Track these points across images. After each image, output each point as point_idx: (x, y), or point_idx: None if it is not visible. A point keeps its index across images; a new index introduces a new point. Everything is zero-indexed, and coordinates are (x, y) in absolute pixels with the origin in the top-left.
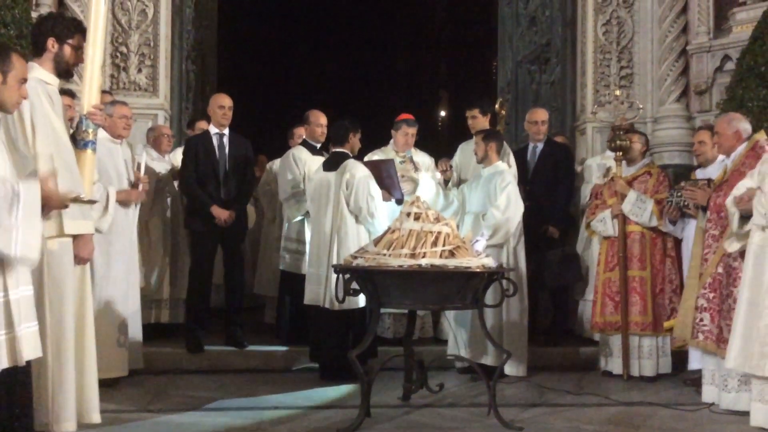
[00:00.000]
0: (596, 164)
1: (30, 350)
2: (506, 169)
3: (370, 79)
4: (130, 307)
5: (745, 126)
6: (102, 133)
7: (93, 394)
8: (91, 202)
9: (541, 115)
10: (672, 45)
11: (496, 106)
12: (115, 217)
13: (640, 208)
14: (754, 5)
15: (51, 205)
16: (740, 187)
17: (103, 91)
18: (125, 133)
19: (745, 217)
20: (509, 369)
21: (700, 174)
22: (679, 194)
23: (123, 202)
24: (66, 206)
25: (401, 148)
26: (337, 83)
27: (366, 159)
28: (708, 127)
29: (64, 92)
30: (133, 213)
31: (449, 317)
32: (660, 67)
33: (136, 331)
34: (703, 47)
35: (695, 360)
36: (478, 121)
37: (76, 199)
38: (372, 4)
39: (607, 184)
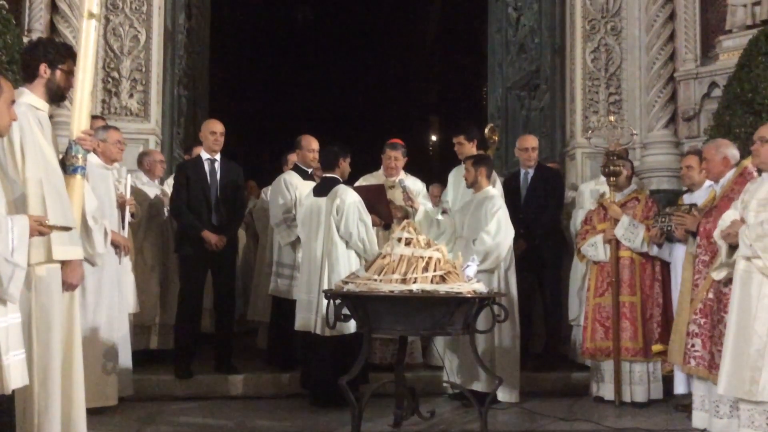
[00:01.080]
0: (589, 190)
1: (17, 379)
2: (497, 194)
3: (360, 104)
4: (119, 334)
5: (733, 152)
6: (94, 159)
7: (80, 421)
8: (65, 228)
9: (531, 141)
10: (660, 72)
11: (486, 131)
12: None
13: (632, 233)
14: (740, 33)
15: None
16: (725, 219)
17: (97, 117)
18: (120, 157)
19: (734, 247)
20: (501, 395)
21: (687, 198)
22: (663, 219)
23: (113, 243)
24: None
25: (387, 172)
26: (329, 109)
27: (357, 184)
28: (696, 152)
29: None
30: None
31: (438, 343)
32: (648, 93)
33: (125, 358)
34: (691, 74)
35: (680, 383)
36: (465, 147)
37: (45, 225)
38: (363, 30)
39: (596, 209)
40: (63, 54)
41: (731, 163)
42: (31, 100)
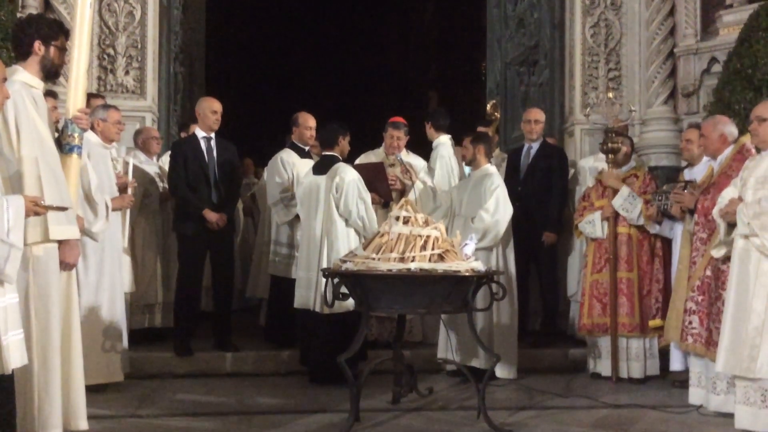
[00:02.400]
0: (588, 166)
1: (16, 358)
2: (495, 172)
3: (359, 81)
4: (118, 313)
5: (730, 129)
6: (93, 138)
7: (80, 400)
8: (61, 208)
9: (535, 114)
10: (659, 47)
11: (488, 108)
12: None
13: (631, 204)
14: (741, 8)
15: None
16: (724, 197)
17: (96, 95)
18: (118, 138)
19: (732, 225)
20: (500, 371)
21: (687, 174)
22: (660, 197)
23: (116, 209)
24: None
25: (388, 151)
26: (327, 85)
27: (358, 161)
28: (697, 126)
29: (47, 94)
30: (119, 218)
31: (441, 318)
32: (648, 69)
33: (122, 337)
34: (691, 49)
35: (677, 360)
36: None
37: (40, 205)
38: (360, 7)
39: (594, 186)
40: (56, 30)
41: (729, 141)
42: (25, 77)
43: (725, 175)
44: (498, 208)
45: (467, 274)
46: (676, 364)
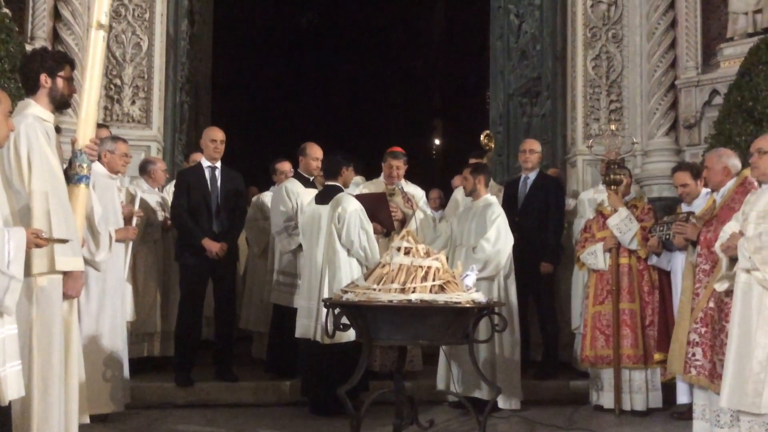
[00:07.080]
0: (588, 198)
1: (13, 390)
2: (495, 201)
3: (364, 109)
4: (119, 343)
5: (734, 162)
6: (99, 169)
7: (74, 430)
8: (62, 240)
9: (529, 144)
10: (661, 79)
11: (482, 138)
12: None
13: (626, 226)
14: (741, 41)
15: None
16: (726, 231)
17: (101, 125)
18: (123, 170)
19: (735, 259)
20: (503, 402)
21: (685, 207)
22: (662, 228)
23: (120, 240)
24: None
25: (388, 180)
26: (332, 114)
27: (357, 191)
28: (687, 168)
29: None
30: (122, 248)
31: (443, 349)
32: (649, 101)
33: (123, 367)
34: (692, 82)
35: (683, 393)
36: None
37: (41, 237)
38: (365, 36)
39: (595, 217)
40: (60, 61)
41: (732, 173)
42: (37, 111)
43: (728, 207)
44: (499, 237)
45: (468, 305)
46: (682, 397)
